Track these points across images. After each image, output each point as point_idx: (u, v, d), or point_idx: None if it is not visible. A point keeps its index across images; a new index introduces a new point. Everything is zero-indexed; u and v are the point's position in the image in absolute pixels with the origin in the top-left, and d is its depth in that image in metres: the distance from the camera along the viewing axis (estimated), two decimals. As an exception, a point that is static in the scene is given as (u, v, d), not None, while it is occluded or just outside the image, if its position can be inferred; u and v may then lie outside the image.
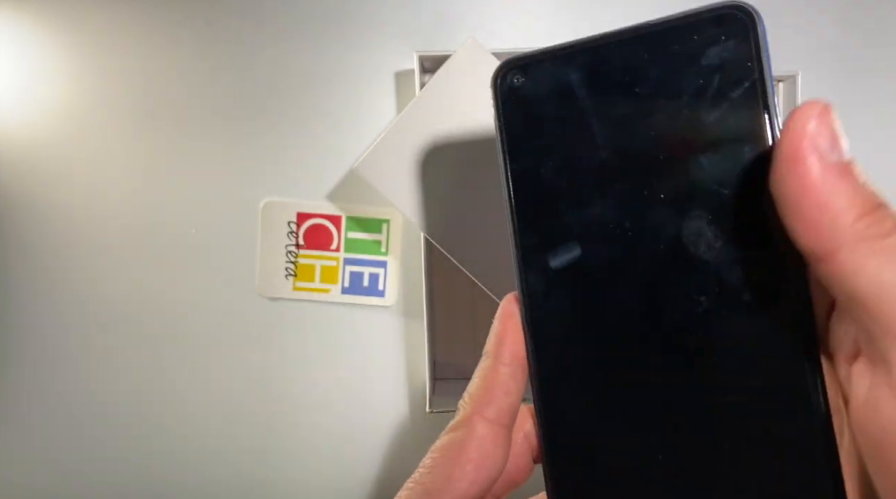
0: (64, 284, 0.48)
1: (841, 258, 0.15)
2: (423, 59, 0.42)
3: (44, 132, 0.48)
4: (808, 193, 0.16)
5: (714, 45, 0.19)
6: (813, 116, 0.16)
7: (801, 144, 0.16)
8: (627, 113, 0.20)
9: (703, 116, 0.19)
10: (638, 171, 0.20)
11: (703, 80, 0.19)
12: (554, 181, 0.21)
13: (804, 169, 0.16)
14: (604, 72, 0.20)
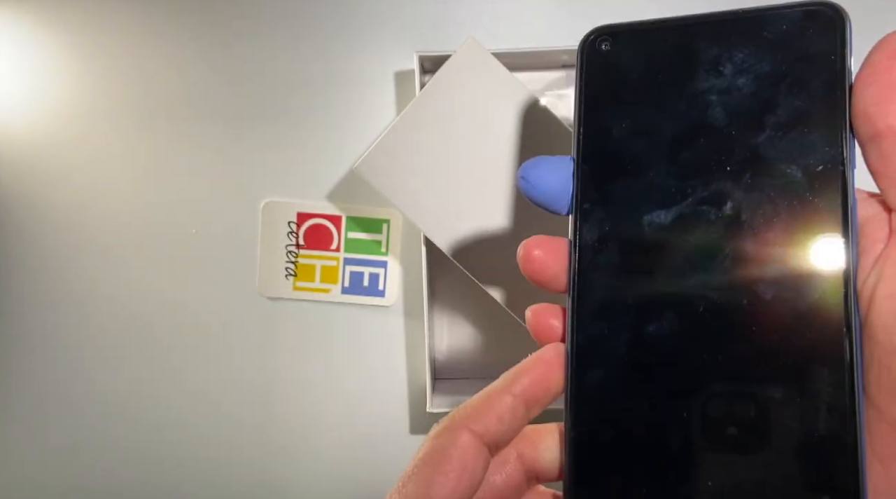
0: (64, 284, 0.48)
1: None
2: (423, 59, 0.42)
3: (44, 132, 0.48)
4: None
5: (802, 37, 0.20)
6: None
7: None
8: (706, 90, 0.21)
9: (780, 102, 0.20)
10: (709, 149, 0.21)
11: (786, 67, 0.20)
12: (626, 148, 0.21)
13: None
14: (689, 49, 0.21)
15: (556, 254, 0.22)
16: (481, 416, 0.20)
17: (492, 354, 0.47)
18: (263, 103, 0.47)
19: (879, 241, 0.20)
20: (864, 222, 0.20)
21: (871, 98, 0.19)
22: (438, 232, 0.38)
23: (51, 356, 0.48)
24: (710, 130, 0.21)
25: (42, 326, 0.48)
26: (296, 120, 0.47)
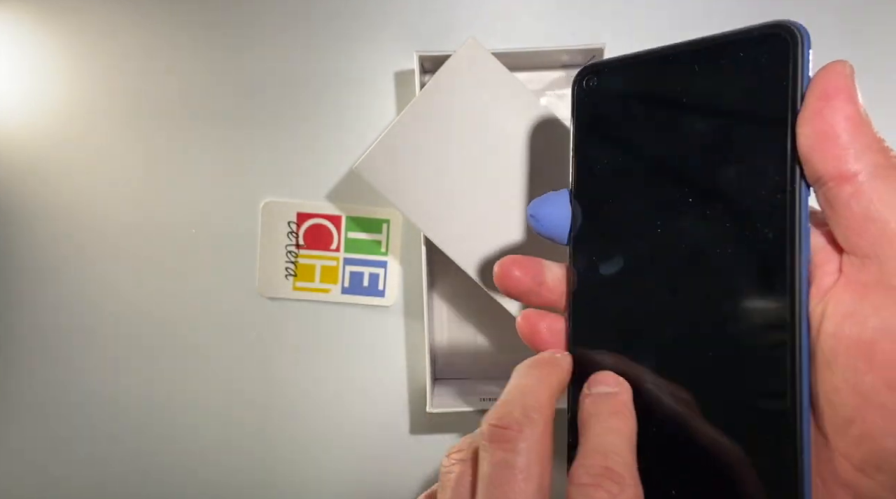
0: (64, 284, 0.48)
1: (861, 180, 0.18)
2: (423, 59, 0.41)
3: (44, 133, 0.48)
4: (844, 122, 0.18)
5: (757, 63, 0.21)
6: (840, 67, 0.19)
7: (838, 82, 0.19)
8: (672, 120, 0.22)
9: (734, 132, 0.21)
10: (673, 180, 0.22)
11: (743, 96, 0.21)
12: (608, 177, 0.24)
13: (841, 103, 0.19)
14: (657, 82, 0.23)
15: (529, 270, 0.26)
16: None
17: (492, 354, 0.47)
18: (263, 103, 0.47)
19: (829, 273, 0.20)
20: (818, 250, 0.20)
21: (807, 140, 0.19)
22: (438, 232, 0.38)
23: (50, 356, 0.48)
24: (673, 160, 0.22)
25: (41, 327, 0.48)
26: (296, 120, 0.47)
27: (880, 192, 0.18)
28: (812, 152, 0.19)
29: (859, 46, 0.46)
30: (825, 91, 0.19)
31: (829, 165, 0.19)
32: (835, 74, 0.19)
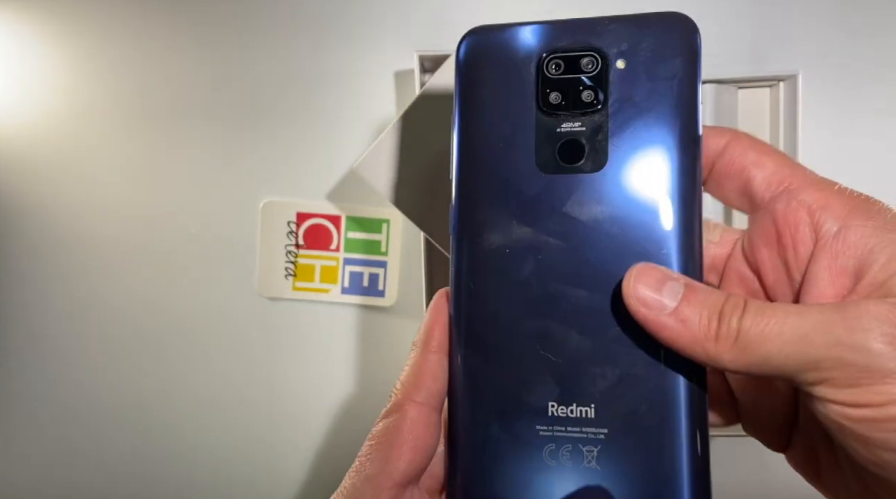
0: (64, 285, 0.48)
1: (722, 366, 0.18)
2: (423, 59, 0.41)
3: (43, 133, 0.48)
4: (672, 342, 0.19)
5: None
6: (631, 279, 0.19)
7: (642, 314, 0.19)
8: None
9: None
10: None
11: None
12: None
13: (656, 329, 0.19)
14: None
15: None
16: (418, 384, 0.22)
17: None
18: (263, 103, 0.47)
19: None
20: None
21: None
22: (438, 232, 0.38)
23: (49, 357, 0.48)
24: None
25: (41, 327, 0.48)
26: (296, 120, 0.47)
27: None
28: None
29: (859, 46, 0.46)
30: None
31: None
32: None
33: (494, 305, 0.22)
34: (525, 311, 0.21)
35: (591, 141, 0.21)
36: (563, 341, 0.21)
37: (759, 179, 0.21)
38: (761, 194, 0.21)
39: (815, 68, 0.45)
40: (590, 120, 0.21)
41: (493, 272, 0.22)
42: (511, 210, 0.22)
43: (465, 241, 0.23)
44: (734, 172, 0.21)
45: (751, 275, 0.22)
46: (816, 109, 0.44)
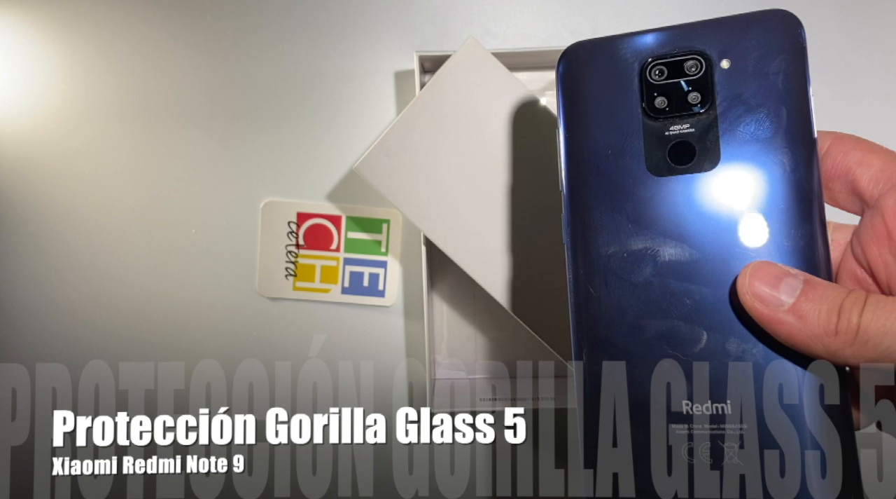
0: (63, 285, 0.48)
1: (843, 361, 0.19)
2: (423, 59, 0.42)
3: (44, 133, 0.48)
4: (790, 339, 0.19)
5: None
6: (747, 275, 0.20)
7: (758, 310, 0.19)
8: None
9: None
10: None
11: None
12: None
13: (773, 325, 0.19)
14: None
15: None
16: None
17: (491, 354, 0.47)
18: (263, 103, 0.47)
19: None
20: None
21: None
22: (438, 232, 0.38)
23: (49, 357, 0.48)
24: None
25: (40, 327, 0.48)
26: (296, 120, 0.47)
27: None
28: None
29: (859, 46, 0.46)
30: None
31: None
32: None
33: (618, 309, 0.22)
34: (649, 313, 0.21)
35: (701, 141, 0.22)
36: (689, 340, 0.21)
37: (865, 178, 0.21)
38: (869, 193, 0.21)
39: (814, 68, 0.45)
40: (698, 121, 0.22)
41: (614, 277, 0.22)
42: (626, 213, 0.22)
43: (581, 246, 0.23)
44: (840, 173, 0.21)
45: (863, 273, 0.22)
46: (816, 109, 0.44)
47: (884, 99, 0.46)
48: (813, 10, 0.46)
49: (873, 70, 0.46)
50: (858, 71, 0.46)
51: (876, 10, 0.46)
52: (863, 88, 0.46)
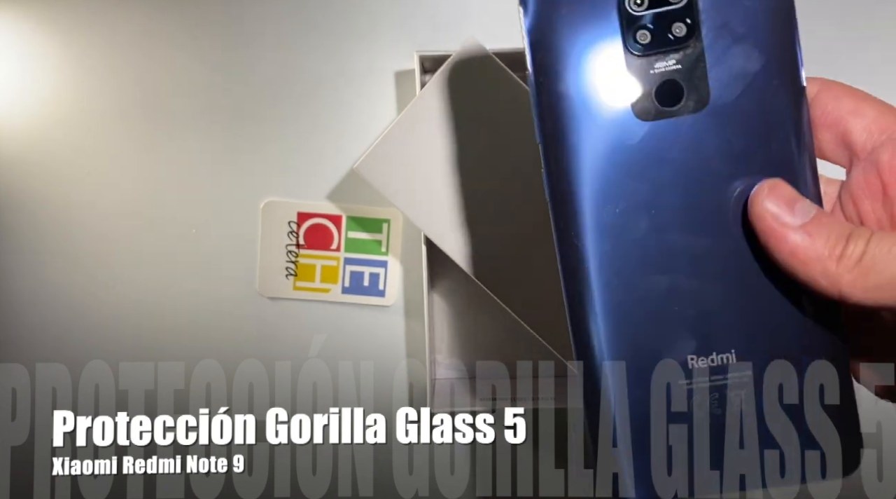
0: (63, 285, 0.48)
1: (839, 289, 0.18)
2: (423, 59, 0.42)
3: (44, 133, 0.48)
4: (793, 256, 0.19)
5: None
6: (764, 191, 0.19)
7: (768, 224, 0.19)
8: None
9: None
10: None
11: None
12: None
13: (778, 241, 0.19)
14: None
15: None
16: None
17: (492, 354, 0.47)
18: (263, 103, 0.47)
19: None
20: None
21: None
22: (438, 232, 0.38)
23: (49, 357, 0.48)
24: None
25: (40, 327, 0.48)
26: (296, 120, 0.47)
27: None
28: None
29: (859, 46, 0.46)
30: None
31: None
32: None
33: (612, 268, 0.20)
34: (646, 268, 0.20)
35: (689, 79, 0.20)
36: (690, 292, 0.20)
37: (858, 129, 0.20)
38: (862, 144, 0.20)
39: (815, 68, 0.45)
40: (684, 55, 0.20)
41: (605, 233, 0.20)
42: (614, 165, 0.20)
43: (566, 204, 0.21)
44: (829, 121, 0.20)
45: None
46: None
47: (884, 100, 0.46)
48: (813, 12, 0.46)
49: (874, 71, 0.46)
50: (859, 73, 0.46)
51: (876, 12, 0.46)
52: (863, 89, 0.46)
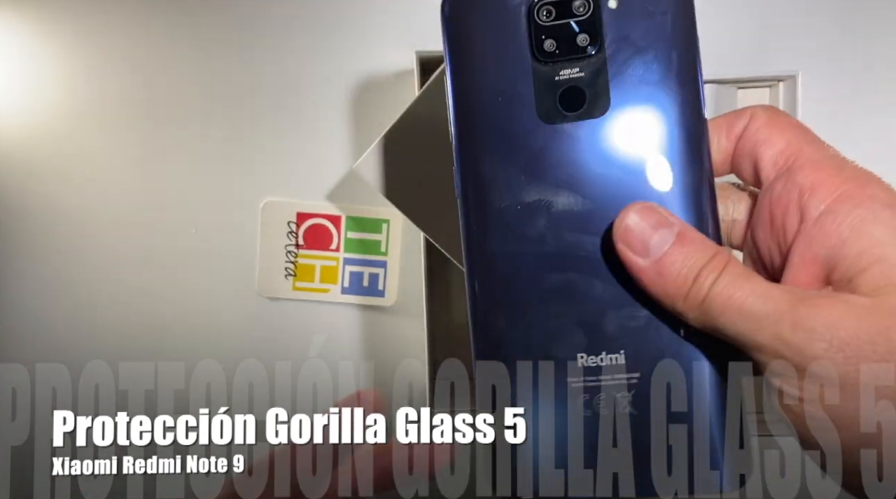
0: (63, 285, 0.48)
1: (687, 322, 0.19)
2: (423, 59, 0.42)
3: (43, 133, 0.48)
4: (648, 290, 0.19)
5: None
6: (624, 219, 0.19)
7: (626, 258, 0.19)
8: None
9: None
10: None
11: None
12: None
13: (637, 274, 0.19)
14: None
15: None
16: None
17: (492, 354, 0.47)
18: (263, 103, 0.47)
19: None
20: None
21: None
22: (438, 232, 0.38)
23: (49, 357, 0.48)
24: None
25: (40, 327, 0.48)
26: (296, 120, 0.47)
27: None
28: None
29: (859, 46, 0.46)
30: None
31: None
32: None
33: (511, 264, 0.21)
34: (542, 266, 0.21)
35: (591, 86, 0.21)
36: (583, 292, 0.21)
37: (766, 158, 0.20)
38: (766, 173, 0.20)
39: (815, 68, 0.45)
40: (588, 64, 0.21)
41: (507, 229, 0.21)
42: (517, 164, 0.21)
43: (473, 200, 0.22)
44: (747, 151, 0.21)
45: (757, 255, 0.21)
46: (816, 109, 0.44)
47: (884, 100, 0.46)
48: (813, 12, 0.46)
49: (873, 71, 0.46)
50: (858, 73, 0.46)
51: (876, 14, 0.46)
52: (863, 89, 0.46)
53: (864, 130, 0.46)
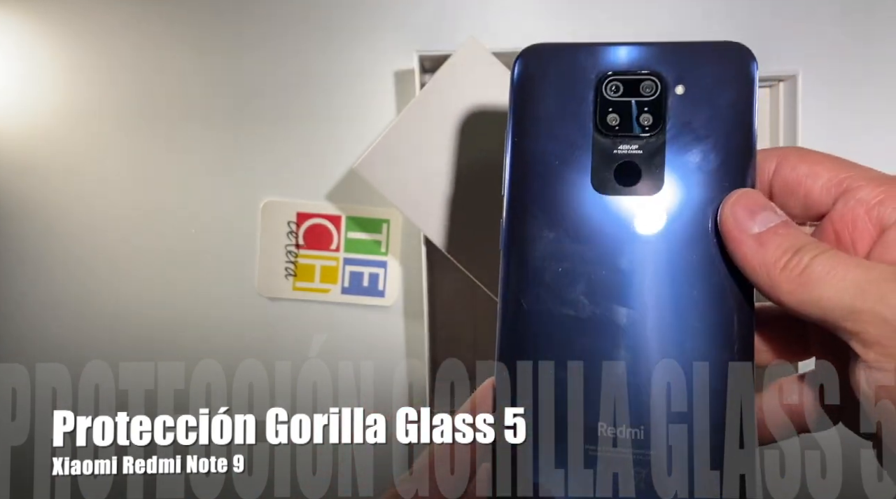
0: (63, 285, 0.48)
1: (777, 297, 0.20)
2: (423, 59, 0.42)
3: (42, 133, 0.48)
4: (744, 261, 0.20)
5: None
6: (730, 203, 0.20)
7: (729, 228, 0.20)
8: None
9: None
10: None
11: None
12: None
13: (735, 245, 0.20)
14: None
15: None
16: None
17: (492, 354, 0.47)
18: (263, 103, 0.47)
19: None
20: None
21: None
22: (438, 232, 0.38)
23: (49, 357, 0.48)
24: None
25: (40, 327, 0.48)
26: (296, 120, 0.47)
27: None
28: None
29: (859, 46, 0.46)
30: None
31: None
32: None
33: (543, 323, 0.22)
34: (573, 331, 0.22)
35: (647, 164, 0.22)
36: (614, 363, 0.21)
37: (817, 189, 0.21)
38: (823, 201, 0.21)
39: (815, 68, 0.45)
40: (647, 143, 0.22)
41: (546, 291, 0.22)
42: (565, 227, 0.22)
43: (516, 255, 0.23)
44: (791, 189, 0.22)
45: None
46: (816, 109, 0.44)
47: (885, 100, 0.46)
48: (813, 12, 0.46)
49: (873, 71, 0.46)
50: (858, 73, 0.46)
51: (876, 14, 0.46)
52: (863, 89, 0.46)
53: (865, 130, 0.46)
